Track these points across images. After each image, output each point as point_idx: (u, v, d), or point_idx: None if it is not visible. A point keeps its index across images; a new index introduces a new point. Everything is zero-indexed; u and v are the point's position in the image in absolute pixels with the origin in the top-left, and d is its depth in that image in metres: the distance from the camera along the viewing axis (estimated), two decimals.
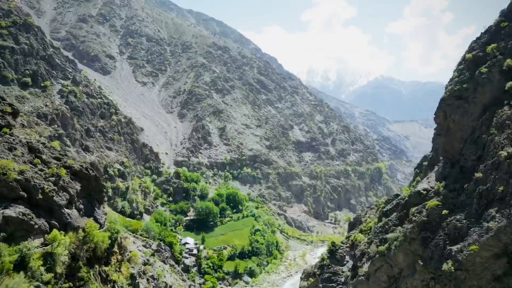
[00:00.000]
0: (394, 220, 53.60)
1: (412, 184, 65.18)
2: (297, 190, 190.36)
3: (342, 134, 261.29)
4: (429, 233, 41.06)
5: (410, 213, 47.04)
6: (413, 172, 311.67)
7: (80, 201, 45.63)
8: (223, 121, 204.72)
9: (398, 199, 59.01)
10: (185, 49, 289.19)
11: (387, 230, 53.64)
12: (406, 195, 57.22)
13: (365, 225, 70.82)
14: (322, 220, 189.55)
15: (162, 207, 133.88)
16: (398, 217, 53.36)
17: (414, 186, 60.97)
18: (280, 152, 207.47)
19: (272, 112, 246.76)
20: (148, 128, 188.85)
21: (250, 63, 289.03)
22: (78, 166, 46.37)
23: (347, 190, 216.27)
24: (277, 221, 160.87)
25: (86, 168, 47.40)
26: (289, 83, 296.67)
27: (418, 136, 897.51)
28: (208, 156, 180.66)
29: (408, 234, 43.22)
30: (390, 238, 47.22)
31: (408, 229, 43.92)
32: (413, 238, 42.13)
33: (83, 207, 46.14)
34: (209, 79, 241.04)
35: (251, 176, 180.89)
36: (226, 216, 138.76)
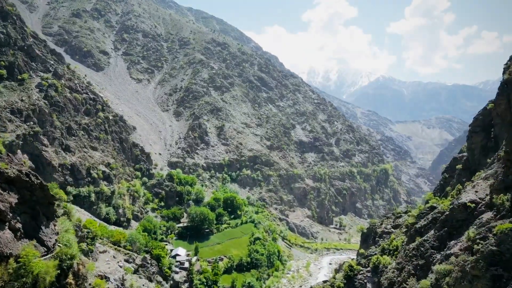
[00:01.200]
0: (432, 240, 41.69)
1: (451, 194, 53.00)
2: (300, 193, 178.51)
3: (347, 134, 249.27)
4: (501, 269, 28.99)
5: (466, 237, 34.89)
6: (418, 174, 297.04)
7: (17, 219, 33.86)
8: (221, 120, 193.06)
9: (435, 213, 46.88)
10: (183, 45, 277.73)
11: (423, 253, 41.71)
12: (444, 208, 45.32)
13: (389, 243, 58.50)
14: (327, 225, 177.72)
15: (153, 213, 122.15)
16: (437, 237, 41.50)
17: (455, 196, 49.02)
18: (282, 152, 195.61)
19: (273, 110, 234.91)
20: (141, 127, 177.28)
21: (251, 60, 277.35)
22: (14, 171, 34.53)
23: (353, 193, 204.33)
24: (279, 227, 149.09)
25: (26, 174, 35.57)
26: (291, 80, 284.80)
27: (421, 137, 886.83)
28: (205, 157, 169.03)
29: (469, 270, 30.94)
30: (439, 271, 35.07)
31: (468, 262, 31.77)
32: (477, 276, 30.01)
33: (23, 226, 34.38)
34: (207, 76, 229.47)
35: (250, 178, 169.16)
36: (223, 222, 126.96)
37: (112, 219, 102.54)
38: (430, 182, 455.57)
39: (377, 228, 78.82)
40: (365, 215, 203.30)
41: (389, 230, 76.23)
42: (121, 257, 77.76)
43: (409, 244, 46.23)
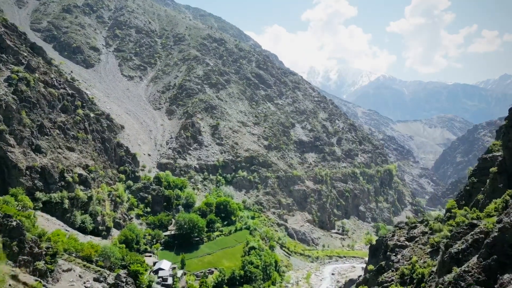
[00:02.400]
0: (476, 273, 30.49)
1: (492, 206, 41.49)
2: (300, 196, 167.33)
3: (349, 133, 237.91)
4: None
5: None
6: (421, 174, 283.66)
7: None
8: (216, 118, 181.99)
9: (476, 233, 35.35)
10: (178, 42, 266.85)
11: None
12: (489, 226, 34.05)
13: (410, 268, 47.14)
14: (328, 230, 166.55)
15: (138, 220, 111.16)
16: (483, 268, 30.33)
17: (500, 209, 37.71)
18: (281, 153, 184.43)
19: (271, 108, 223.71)
20: (130, 126, 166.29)
21: (248, 57, 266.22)
22: None
23: (355, 195, 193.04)
24: (277, 233, 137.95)
25: None
26: (290, 78, 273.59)
27: (422, 136, 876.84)
28: (198, 158, 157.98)
29: None
30: None
31: None
32: None
33: None
34: (202, 73, 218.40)
35: (247, 180, 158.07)
36: (214, 230, 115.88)
37: (88, 228, 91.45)
38: (434, 182, 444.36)
39: (388, 240, 67.58)
40: (369, 219, 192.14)
41: (403, 243, 65.10)
42: (90, 275, 66.70)
43: (442, 276, 34.95)
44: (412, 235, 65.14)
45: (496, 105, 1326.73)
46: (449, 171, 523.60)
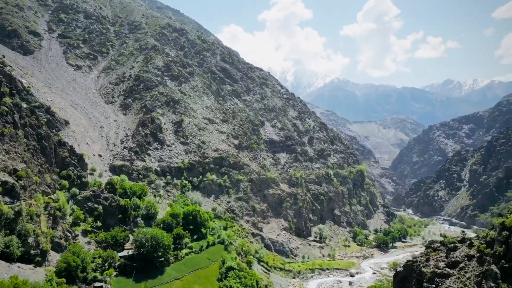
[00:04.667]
0: None
1: None
2: (275, 201, 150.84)
3: (320, 132, 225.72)
4: None
5: None
6: (382, 174, 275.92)
7: None
8: (179, 114, 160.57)
9: None
10: (133, 30, 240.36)
11: None
12: None
13: None
14: (305, 238, 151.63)
15: (85, 238, 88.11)
16: None
17: None
18: (252, 153, 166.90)
19: (239, 105, 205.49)
20: (77, 122, 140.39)
21: (212, 49, 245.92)
22: None
23: (330, 199, 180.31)
24: (253, 246, 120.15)
25: None
26: (257, 73, 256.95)
27: (377, 137, 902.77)
28: (159, 159, 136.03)
29: None
30: None
31: None
32: None
33: None
34: (162, 64, 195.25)
35: (216, 184, 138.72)
36: (183, 246, 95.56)
37: (15, 254, 67.84)
38: (394, 182, 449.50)
39: (421, 266, 52.24)
40: (344, 223, 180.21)
41: (443, 270, 50.28)
42: None
43: None
44: (454, 260, 50.57)
45: (440, 107, 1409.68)
46: (406, 170, 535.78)
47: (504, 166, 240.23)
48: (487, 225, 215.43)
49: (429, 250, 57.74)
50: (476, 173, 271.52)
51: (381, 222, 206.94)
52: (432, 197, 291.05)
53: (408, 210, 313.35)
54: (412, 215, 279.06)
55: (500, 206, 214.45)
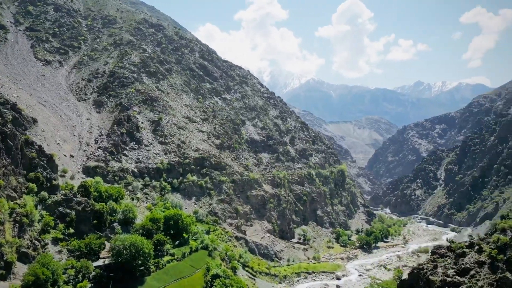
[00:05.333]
0: None
1: None
2: (258, 203, 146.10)
3: (301, 131, 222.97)
4: None
5: None
6: (359, 173, 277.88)
7: None
8: (157, 112, 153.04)
9: None
10: (107, 24, 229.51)
11: None
12: None
13: None
14: (289, 240, 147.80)
15: (55, 246, 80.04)
16: None
17: None
18: (234, 153, 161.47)
19: (219, 104, 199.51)
20: (46, 120, 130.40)
21: (191, 46, 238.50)
22: None
23: (313, 199, 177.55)
24: (237, 250, 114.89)
25: None
26: (237, 71, 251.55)
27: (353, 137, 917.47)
28: (137, 159, 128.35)
29: None
30: None
31: None
32: None
33: None
34: (138, 60, 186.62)
35: (197, 186, 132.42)
36: (164, 253, 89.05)
37: None
38: (371, 181, 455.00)
39: (429, 273, 48.78)
40: (327, 224, 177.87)
41: (453, 278, 47.01)
42: None
43: None
44: (464, 267, 47.39)
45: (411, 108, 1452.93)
46: (382, 170, 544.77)
47: (479, 165, 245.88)
48: (464, 223, 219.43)
49: (436, 256, 54.54)
50: (451, 172, 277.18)
51: (362, 222, 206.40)
52: (409, 196, 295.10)
53: (386, 209, 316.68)
54: (390, 214, 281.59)
55: (476, 205, 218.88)
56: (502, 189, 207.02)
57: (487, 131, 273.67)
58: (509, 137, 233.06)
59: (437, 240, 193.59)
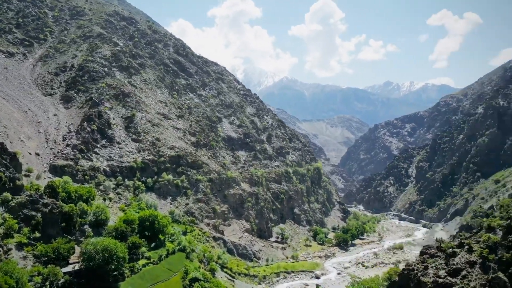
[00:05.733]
0: None
1: None
2: (236, 202, 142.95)
3: (278, 129, 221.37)
4: None
5: None
6: (332, 171, 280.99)
7: None
8: (130, 108, 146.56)
9: None
10: (75, 16, 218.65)
11: None
12: None
13: None
14: (267, 239, 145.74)
15: (20, 252, 73.66)
16: None
17: None
18: (211, 151, 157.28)
19: (195, 100, 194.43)
20: (9, 116, 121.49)
21: (164, 40, 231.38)
22: None
23: (290, 197, 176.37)
24: (215, 251, 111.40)
25: None
26: (213, 68, 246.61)
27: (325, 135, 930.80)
28: (108, 158, 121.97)
29: None
30: None
31: None
32: None
33: None
34: (110, 53, 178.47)
35: (173, 185, 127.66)
36: (139, 257, 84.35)
37: None
38: (344, 179, 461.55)
39: (420, 274, 47.59)
40: (304, 222, 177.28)
41: (445, 279, 45.95)
42: None
43: None
44: (456, 267, 46.42)
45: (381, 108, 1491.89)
46: (354, 167, 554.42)
47: (448, 163, 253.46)
48: (435, 219, 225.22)
49: (426, 256, 53.54)
50: (422, 170, 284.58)
51: (338, 220, 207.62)
52: (382, 193, 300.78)
53: (359, 206, 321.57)
54: (364, 211, 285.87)
55: (447, 201, 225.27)
56: (471, 185, 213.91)
57: (456, 129, 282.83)
58: (477, 135, 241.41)
59: (410, 236, 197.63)
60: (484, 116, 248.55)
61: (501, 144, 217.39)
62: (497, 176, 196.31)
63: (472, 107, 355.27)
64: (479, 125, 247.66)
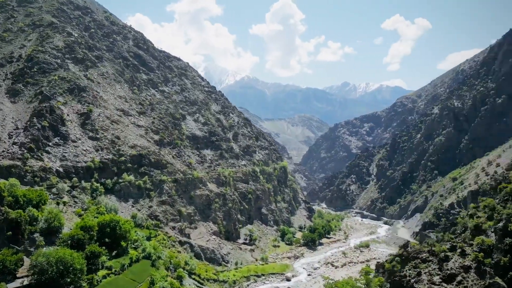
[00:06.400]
0: None
1: None
2: (203, 203, 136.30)
3: (244, 127, 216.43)
4: None
5: None
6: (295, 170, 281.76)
7: None
8: (86, 104, 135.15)
9: None
10: (23, 3, 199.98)
11: None
12: None
13: None
14: (235, 241, 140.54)
15: None
16: None
17: None
18: (176, 149, 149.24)
19: (157, 96, 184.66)
20: None
21: (124, 33, 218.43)
22: None
23: (258, 197, 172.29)
24: (182, 256, 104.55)
25: None
26: (175, 63, 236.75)
27: (287, 134, 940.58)
28: (62, 157, 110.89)
29: None
30: None
31: None
32: None
33: None
34: (63, 44, 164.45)
35: (135, 186, 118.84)
36: (99, 267, 75.99)
37: None
38: (306, 177, 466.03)
39: (412, 282, 44.78)
40: (271, 222, 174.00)
41: (441, 286, 43.49)
42: None
43: None
44: (450, 272, 44.10)
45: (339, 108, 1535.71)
46: (315, 166, 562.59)
47: (408, 161, 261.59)
48: (396, 216, 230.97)
49: (418, 261, 50.95)
50: (382, 168, 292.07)
51: (304, 218, 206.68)
52: (344, 191, 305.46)
53: (322, 204, 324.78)
54: (327, 209, 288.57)
55: (407, 199, 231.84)
56: (430, 183, 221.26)
57: (414, 129, 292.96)
58: (434, 135, 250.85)
59: (374, 233, 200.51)
60: (440, 116, 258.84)
61: (457, 143, 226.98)
62: (454, 174, 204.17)
63: (427, 108, 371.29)
64: (436, 125, 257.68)
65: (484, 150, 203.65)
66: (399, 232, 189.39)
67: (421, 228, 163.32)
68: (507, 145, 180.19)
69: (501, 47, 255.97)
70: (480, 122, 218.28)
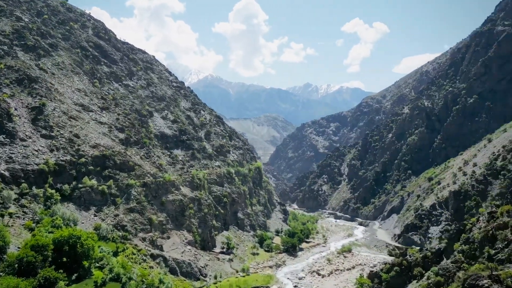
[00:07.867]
0: None
1: None
2: (175, 209, 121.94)
3: (217, 126, 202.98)
4: None
5: None
6: (264, 170, 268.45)
7: None
8: (39, 97, 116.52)
9: None
10: None
11: None
12: None
13: None
14: (211, 250, 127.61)
15: None
16: None
17: None
18: (144, 149, 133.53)
19: (121, 91, 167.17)
20: None
21: (82, 21, 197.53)
22: None
23: (234, 200, 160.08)
24: (155, 272, 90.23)
25: None
26: (140, 56, 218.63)
27: (252, 133, 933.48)
28: (8, 159, 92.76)
29: None
30: None
31: None
32: None
33: None
34: (11, 29, 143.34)
35: (98, 192, 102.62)
36: None
37: None
38: (275, 177, 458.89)
39: None
40: (248, 227, 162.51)
41: None
42: None
43: None
44: None
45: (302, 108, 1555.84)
46: (283, 166, 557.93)
47: (380, 161, 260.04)
48: (370, 217, 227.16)
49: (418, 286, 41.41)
50: (354, 168, 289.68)
51: (280, 221, 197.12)
52: (316, 192, 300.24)
53: (293, 205, 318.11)
54: (299, 210, 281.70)
55: (381, 199, 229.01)
56: (404, 183, 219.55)
57: (385, 128, 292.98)
58: (406, 134, 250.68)
59: (352, 236, 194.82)
60: (411, 116, 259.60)
61: (429, 143, 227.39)
62: (428, 173, 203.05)
63: (395, 108, 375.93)
64: (407, 125, 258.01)
65: (457, 149, 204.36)
66: (378, 234, 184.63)
67: (403, 231, 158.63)
68: (481, 145, 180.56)
69: (468, 48, 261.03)
70: (452, 122, 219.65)
